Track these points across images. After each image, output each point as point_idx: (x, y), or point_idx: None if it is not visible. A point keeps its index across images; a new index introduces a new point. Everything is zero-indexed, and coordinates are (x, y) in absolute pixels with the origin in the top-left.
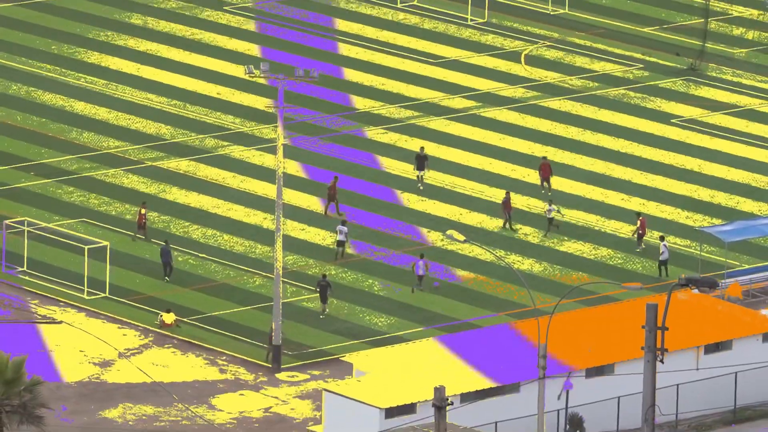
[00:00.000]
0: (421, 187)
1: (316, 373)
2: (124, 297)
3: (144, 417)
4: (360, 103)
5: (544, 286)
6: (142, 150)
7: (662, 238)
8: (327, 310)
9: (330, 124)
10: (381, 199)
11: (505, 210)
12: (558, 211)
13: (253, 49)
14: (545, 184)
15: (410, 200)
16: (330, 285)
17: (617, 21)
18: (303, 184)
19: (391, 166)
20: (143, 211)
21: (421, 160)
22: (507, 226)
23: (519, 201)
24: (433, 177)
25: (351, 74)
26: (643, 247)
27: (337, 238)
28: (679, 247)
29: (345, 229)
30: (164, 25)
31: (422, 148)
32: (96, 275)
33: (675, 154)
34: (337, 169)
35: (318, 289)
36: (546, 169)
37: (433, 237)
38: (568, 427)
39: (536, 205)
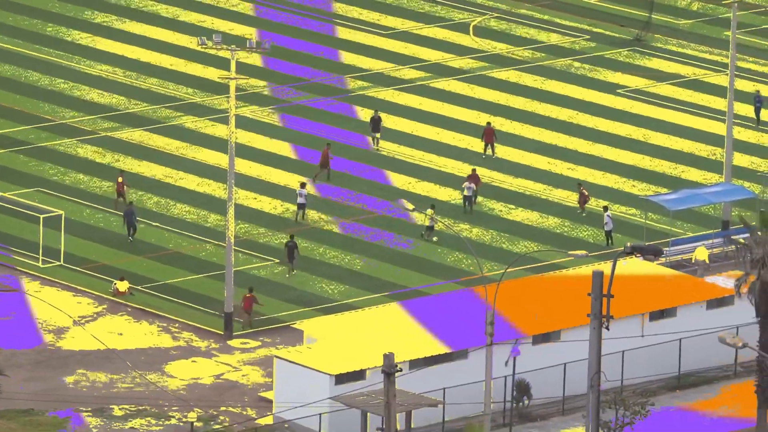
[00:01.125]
0: (377, 149)
1: (267, 340)
2: (78, 265)
3: (98, 384)
4: (311, 74)
5: (492, 254)
6: (96, 120)
7: (606, 209)
8: (294, 270)
9: (282, 94)
10: (333, 168)
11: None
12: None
13: (207, 21)
14: (488, 149)
15: (360, 170)
16: (297, 246)
17: None
18: (255, 154)
19: (341, 135)
20: (120, 180)
21: (376, 123)
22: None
23: (467, 171)
24: (383, 147)
25: (303, 45)
26: (584, 214)
27: (297, 201)
28: (625, 215)
29: (304, 191)
30: None
31: (377, 111)
32: (51, 244)
33: (621, 123)
34: (290, 140)
35: (285, 250)
36: (489, 134)
37: (383, 206)
38: (515, 392)
39: (483, 174)
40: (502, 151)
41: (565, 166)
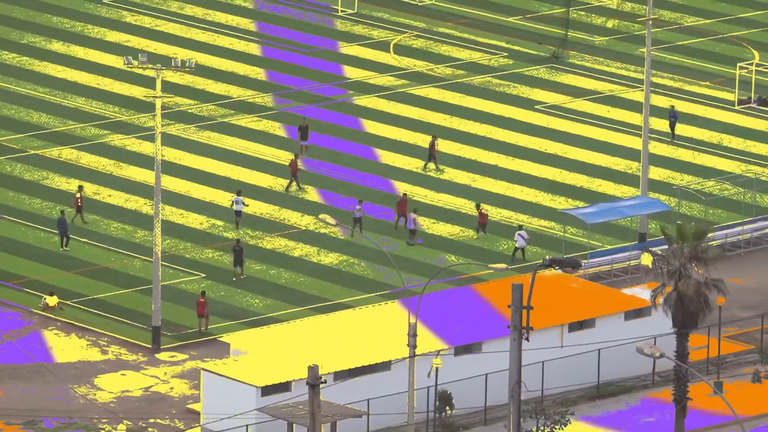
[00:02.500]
0: (305, 156)
1: (194, 353)
2: (8, 280)
3: (29, 397)
4: (234, 92)
5: (414, 267)
6: (25, 139)
7: (520, 227)
8: (243, 274)
9: (207, 112)
10: (258, 185)
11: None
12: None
13: (132, 41)
14: (432, 162)
15: (283, 185)
16: (243, 249)
17: (482, 11)
18: (180, 170)
19: (265, 152)
20: (78, 195)
21: (304, 131)
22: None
23: (385, 186)
24: (305, 164)
25: (227, 64)
26: (486, 235)
27: (235, 209)
28: (544, 228)
29: (241, 198)
30: (46, 18)
31: (304, 119)
32: None
33: (539, 139)
34: (214, 156)
35: (233, 254)
36: (432, 148)
37: (306, 221)
38: (437, 403)
39: (406, 189)
40: (421, 166)
41: (485, 182)
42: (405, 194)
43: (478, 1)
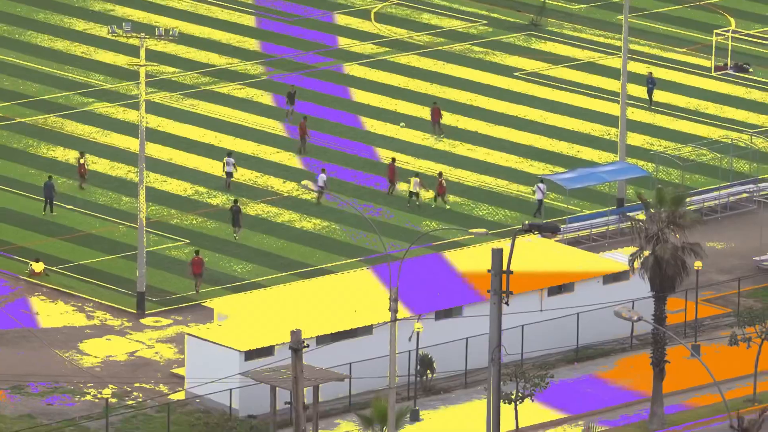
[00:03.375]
0: (289, 120)
1: (178, 318)
2: None
3: (15, 361)
4: (218, 60)
5: (395, 233)
6: (11, 107)
7: (541, 180)
8: (239, 233)
9: (190, 80)
10: (241, 151)
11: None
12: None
13: (116, 10)
14: (437, 127)
15: (266, 152)
16: (240, 210)
17: None
18: (164, 137)
19: (247, 120)
20: (82, 160)
21: (291, 97)
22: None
23: (367, 150)
24: (284, 130)
25: (209, 33)
26: (448, 207)
27: (226, 170)
28: (523, 194)
29: (232, 160)
30: None
31: (293, 86)
32: None
33: (518, 105)
34: (198, 124)
35: (231, 214)
36: (436, 112)
37: (289, 187)
38: (419, 367)
39: (387, 156)
40: (405, 134)
41: (465, 147)
42: (393, 159)
43: None
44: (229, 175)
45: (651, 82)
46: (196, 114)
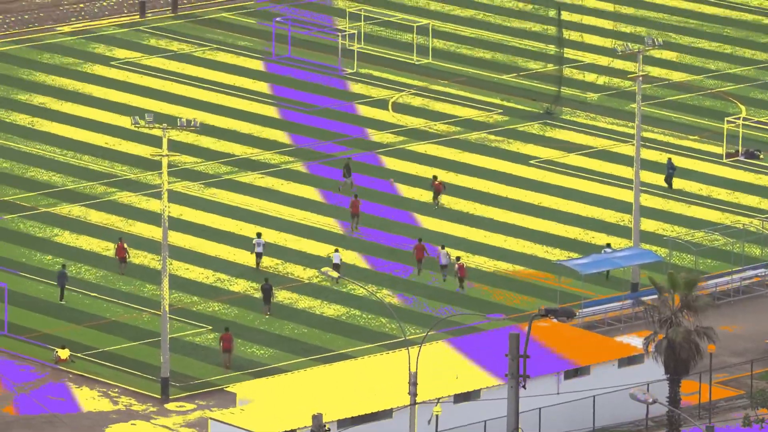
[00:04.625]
0: (341, 188)
1: (202, 402)
2: (21, 334)
3: None
4: (239, 150)
5: (413, 318)
6: (35, 197)
7: (608, 245)
8: (269, 313)
9: (211, 169)
10: (262, 240)
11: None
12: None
13: (137, 101)
14: (438, 200)
15: (288, 240)
16: (272, 288)
17: (477, 69)
18: (186, 226)
19: (268, 208)
20: (125, 245)
21: (348, 169)
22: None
23: (390, 240)
24: (308, 218)
25: (231, 123)
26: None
27: (256, 250)
28: (539, 279)
29: (261, 240)
30: (55, 80)
31: (350, 158)
32: None
33: (533, 192)
34: (219, 213)
35: (262, 293)
36: (439, 187)
37: (309, 274)
38: None
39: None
40: (421, 220)
41: (481, 234)
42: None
43: (474, 60)
44: (259, 255)
45: (671, 168)
46: (218, 203)
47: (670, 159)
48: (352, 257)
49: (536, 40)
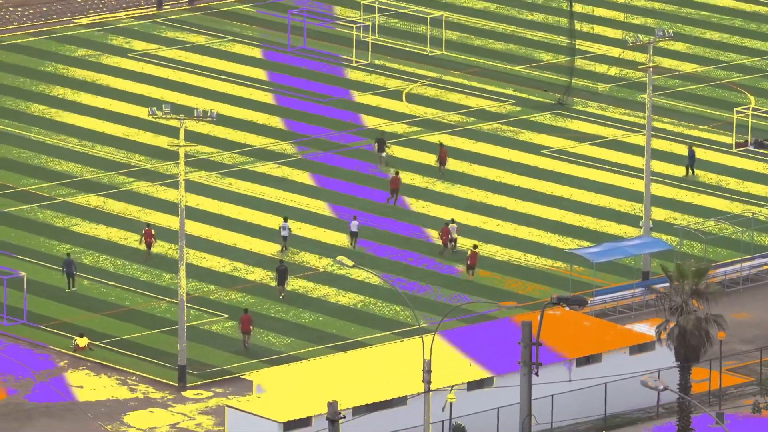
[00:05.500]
0: (381, 167)
1: (219, 390)
2: (40, 323)
3: None
4: (254, 140)
5: (428, 306)
6: (54, 187)
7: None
8: (283, 293)
9: (228, 159)
10: (276, 228)
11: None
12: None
13: (154, 92)
14: (441, 167)
15: (302, 229)
16: (287, 269)
17: (490, 60)
18: (203, 215)
19: (284, 197)
20: (153, 231)
21: (381, 143)
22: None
23: (399, 227)
24: (320, 207)
25: (246, 114)
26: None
27: (282, 234)
28: (551, 268)
29: (287, 225)
30: (73, 72)
31: (383, 132)
32: (14, 303)
33: (546, 182)
34: (236, 202)
35: (277, 274)
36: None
37: (324, 263)
38: None
39: (419, 232)
40: (435, 210)
41: (494, 223)
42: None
43: (486, 51)
44: (285, 239)
45: (691, 156)
46: (234, 192)
47: (691, 146)
48: (366, 245)
49: (548, 32)
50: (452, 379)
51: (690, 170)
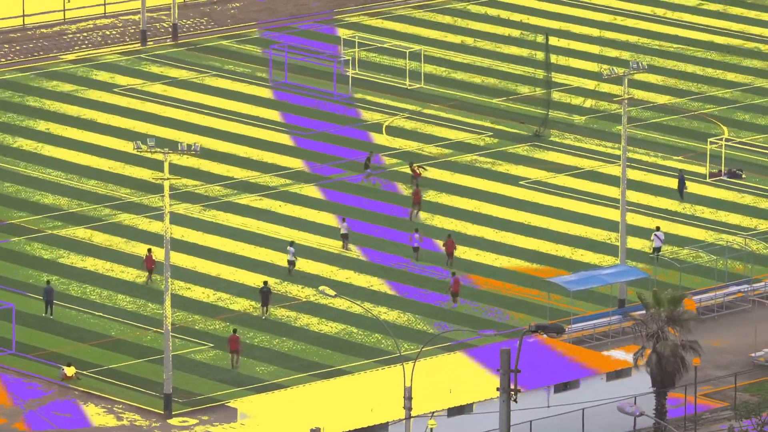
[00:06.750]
0: (366, 181)
1: (204, 418)
2: (28, 353)
3: None
4: (238, 173)
5: (408, 334)
6: (42, 220)
7: (657, 228)
8: (267, 314)
9: (212, 192)
10: (260, 260)
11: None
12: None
13: (139, 126)
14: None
15: (284, 260)
16: (270, 291)
17: (467, 93)
18: (188, 247)
19: (266, 229)
20: (153, 257)
21: (367, 162)
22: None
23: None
24: (305, 238)
25: (230, 147)
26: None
27: (288, 258)
28: (529, 296)
29: (293, 249)
30: (59, 107)
31: (371, 152)
32: (3, 334)
33: (523, 212)
34: (220, 234)
35: (260, 296)
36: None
37: (307, 292)
38: None
39: (400, 263)
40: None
41: (473, 253)
42: (449, 234)
43: (464, 84)
44: (291, 263)
45: (681, 182)
46: (218, 224)
47: (681, 171)
48: (347, 274)
49: (525, 65)
50: (433, 406)
51: (681, 196)
